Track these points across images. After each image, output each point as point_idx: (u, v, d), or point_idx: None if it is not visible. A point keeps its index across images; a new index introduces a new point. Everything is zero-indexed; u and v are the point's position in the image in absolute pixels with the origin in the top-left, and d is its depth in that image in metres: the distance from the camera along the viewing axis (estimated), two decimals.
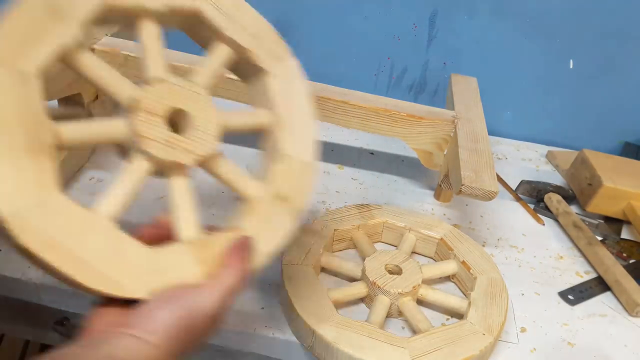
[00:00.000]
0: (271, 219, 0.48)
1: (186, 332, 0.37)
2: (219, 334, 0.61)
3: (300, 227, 0.70)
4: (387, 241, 0.76)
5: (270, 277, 0.67)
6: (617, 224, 0.87)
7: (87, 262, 0.36)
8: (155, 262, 0.39)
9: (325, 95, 0.80)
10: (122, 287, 0.38)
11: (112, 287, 0.37)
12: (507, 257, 0.77)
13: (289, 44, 0.54)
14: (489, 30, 1.01)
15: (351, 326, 0.56)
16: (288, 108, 0.51)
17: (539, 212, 0.88)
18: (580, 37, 0.99)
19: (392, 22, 1.03)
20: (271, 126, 0.50)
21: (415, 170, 0.94)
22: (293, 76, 0.52)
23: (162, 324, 0.36)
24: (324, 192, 0.85)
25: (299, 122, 0.52)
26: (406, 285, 0.62)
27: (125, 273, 0.38)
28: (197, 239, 0.43)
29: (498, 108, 1.09)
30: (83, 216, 0.37)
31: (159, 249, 0.40)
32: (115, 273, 0.37)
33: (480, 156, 0.75)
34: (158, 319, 0.37)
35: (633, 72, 1.01)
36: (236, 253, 0.43)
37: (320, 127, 1.01)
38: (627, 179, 0.85)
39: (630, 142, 1.08)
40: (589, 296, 0.72)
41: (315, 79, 0.87)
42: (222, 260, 0.42)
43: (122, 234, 0.39)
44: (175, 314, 0.37)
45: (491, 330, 0.59)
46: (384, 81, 1.10)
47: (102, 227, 0.38)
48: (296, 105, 0.51)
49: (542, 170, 1.01)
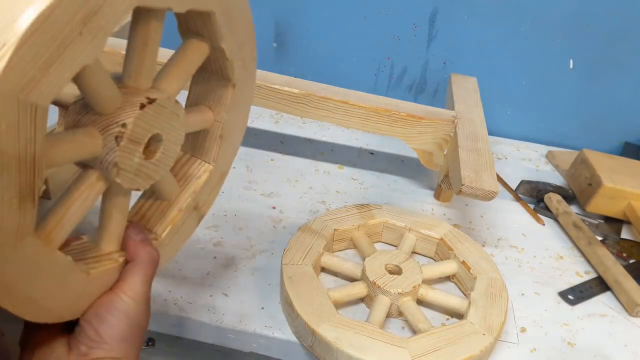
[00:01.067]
0: (183, 226, 0.48)
1: (133, 333, 0.39)
2: (219, 334, 0.61)
3: (300, 227, 0.70)
4: (387, 241, 0.76)
5: (270, 277, 0.67)
6: (617, 224, 0.87)
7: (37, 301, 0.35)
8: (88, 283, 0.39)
9: (325, 95, 0.80)
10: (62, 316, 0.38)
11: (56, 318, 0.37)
12: (507, 257, 0.77)
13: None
14: (489, 30, 1.01)
15: (351, 326, 0.56)
16: (233, 117, 0.49)
17: (539, 212, 0.88)
18: (580, 37, 0.99)
19: (392, 22, 1.03)
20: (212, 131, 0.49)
21: (415, 170, 0.94)
22: (248, 88, 0.50)
23: (117, 337, 0.38)
24: (324, 192, 0.85)
25: (235, 132, 0.51)
26: (406, 285, 0.62)
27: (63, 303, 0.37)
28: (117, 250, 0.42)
29: (498, 108, 1.09)
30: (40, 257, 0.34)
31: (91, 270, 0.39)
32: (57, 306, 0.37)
33: (480, 156, 0.75)
34: (110, 335, 0.38)
35: (633, 72, 1.01)
36: (134, 245, 0.42)
37: (320, 127, 1.02)
38: (627, 179, 0.85)
39: (630, 142, 1.08)
40: (589, 296, 0.72)
41: (315, 79, 0.87)
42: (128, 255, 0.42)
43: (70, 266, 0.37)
44: (121, 324, 0.39)
45: (491, 330, 0.59)
46: (384, 81, 1.10)
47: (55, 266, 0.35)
48: (240, 115, 0.51)
49: (542, 170, 1.01)
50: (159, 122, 0.39)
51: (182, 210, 0.47)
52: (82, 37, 0.30)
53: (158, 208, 0.47)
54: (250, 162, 0.90)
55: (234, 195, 0.81)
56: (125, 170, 0.37)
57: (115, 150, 0.35)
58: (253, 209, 0.78)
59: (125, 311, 0.39)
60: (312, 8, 1.03)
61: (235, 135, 0.51)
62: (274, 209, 0.79)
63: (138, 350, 0.40)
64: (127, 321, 0.39)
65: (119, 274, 0.41)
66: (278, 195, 0.82)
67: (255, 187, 0.83)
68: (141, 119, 0.36)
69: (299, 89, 0.80)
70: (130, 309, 0.40)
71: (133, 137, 0.36)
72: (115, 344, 0.38)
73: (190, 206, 0.48)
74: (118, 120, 0.35)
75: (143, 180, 0.40)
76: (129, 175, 0.38)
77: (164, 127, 0.39)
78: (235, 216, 0.76)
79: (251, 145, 0.94)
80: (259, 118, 1.02)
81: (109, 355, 0.38)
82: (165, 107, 0.39)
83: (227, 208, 0.78)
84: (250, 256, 0.70)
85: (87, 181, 0.37)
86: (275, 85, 0.80)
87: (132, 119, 0.36)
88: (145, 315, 0.41)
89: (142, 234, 0.43)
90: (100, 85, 0.34)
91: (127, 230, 0.42)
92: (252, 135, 0.97)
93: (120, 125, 0.35)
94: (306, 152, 0.94)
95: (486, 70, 1.04)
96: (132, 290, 0.40)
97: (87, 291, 0.39)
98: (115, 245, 0.41)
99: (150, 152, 0.40)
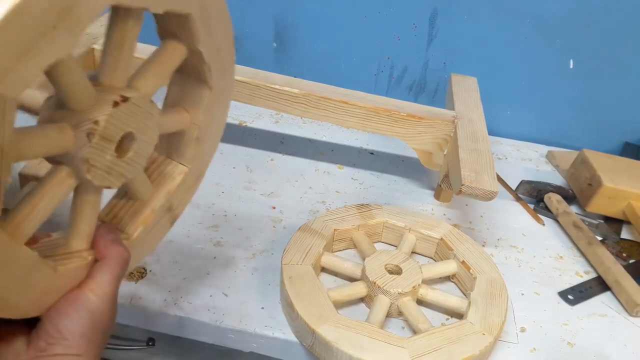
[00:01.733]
0: (156, 227, 0.48)
1: (95, 331, 0.39)
2: (219, 334, 0.61)
3: (300, 227, 0.70)
4: (387, 241, 0.76)
5: (270, 277, 0.67)
6: (617, 224, 0.87)
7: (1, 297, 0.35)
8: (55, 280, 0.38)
9: (325, 95, 0.80)
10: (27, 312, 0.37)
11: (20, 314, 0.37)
12: (507, 257, 0.77)
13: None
14: (489, 30, 1.01)
15: (351, 326, 0.56)
16: (210, 120, 0.49)
17: (539, 212, 0.88)
18: (580, 37, 0.99)
19: (392, 22, 1.03)
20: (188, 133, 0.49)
21: (415, 170, 0.94)
22: (226, 93, 0.50)
23: (78, 334, 0.38)
24: (324, 192, 0.85)
25: (212, 135, 0.51)
26: (406, 285, 0.62)
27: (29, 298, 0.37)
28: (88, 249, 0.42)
29: (498, 108, 1.09)
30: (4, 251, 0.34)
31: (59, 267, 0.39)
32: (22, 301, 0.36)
33: (480, 156, 0.75)
34: (71, 331, 0.38)
35: (633, 72, 1.01)
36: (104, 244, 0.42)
37: (320, 127, 1.02)
38: (627, 179, 0.85)
39: (630, 142, 1.08)
40: (589, 296, 0.72)
41: (315, 79, 0.87)
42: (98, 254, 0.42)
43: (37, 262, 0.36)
44: (83, 321, 0.38)
45: (491, 330, 0.59)
46: (384, 81, 1.10)
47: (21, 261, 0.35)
48: (217, 118, 0.51)
49: (542, 170, 1.01)
50: (132, 121, 0.39)
51: (154, 211, 0.47)
52: (55, 32, 0.30)
53: (131, 208, 0.47)
54: (250, 162, 0.90)
55: (234, 195, 0.81)
56: (97, 167, 0.37)
57: (87, 147, 0.36)
58: (253, 209, 0.78)
59: (89, 308, 0.39)
60: (312, 8, 1.04)
61: (212, 138, 0.52)
62: (274, 209, 0.79)
63: (99, 348, 0.40)
64: (89, 318, 0.39)
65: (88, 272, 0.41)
66: (278, 195, 0.82)
67: (255, 187, 0.83)
68: (114, 116, 0.37)
69: (299, 89, 0.80)
70: (94, 306, 0.39)
71: (105, 135, 0.36)
72: (74, 340, 0.38)
73: (164, 207, 0.48)
74: (91, 117, 0.36)
75: (115, 178, 0.40)
76: (100, 172, 0.38)
77: (138, 126, 0.39)
78: (235, 216, 0.76)
79: (251, 145, 0.94)
80: (259, 118, 1.02)
81: (67, 352, 0.37)
82: (140, 106, 0.39)
83: (227, 208, 0.78)
84: (250, 256, 0.70)
85: (58, 177, 0.37)
86: (275, 85, 0.80)
87: (105, 116, 0.36)
88: (110, 313, 0.41)
89: (113, 234, 0.43)
90: (74, 81, 0.34)
91: (98, 229, 0.42)
92: (252, 135, 0.97)
93: (92, 122, 0.35)
94: (306, 152, 0.94)
95: (486, 70, 1.04)
96: (98, 288, 0.40)
97: (54, 288, 0.38)
98: (86, 244, 0.41)
99: (123, 151, 0.40)
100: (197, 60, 0.45)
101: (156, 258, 0.67)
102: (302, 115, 0.83)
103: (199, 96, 0.48)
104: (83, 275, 0.41)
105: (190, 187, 0.52)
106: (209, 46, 0.44)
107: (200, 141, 0.49)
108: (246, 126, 1.00)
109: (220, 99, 0.50)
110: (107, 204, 0.47)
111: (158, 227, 0.49)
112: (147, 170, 0.48)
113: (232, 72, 0.50)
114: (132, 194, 0.46)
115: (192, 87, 0.48)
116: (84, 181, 0.38)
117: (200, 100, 0.48)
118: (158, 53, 0.43)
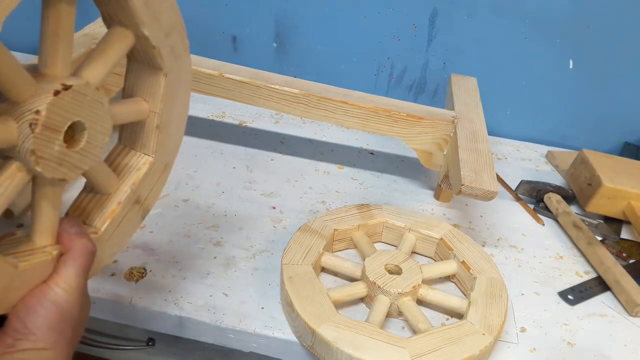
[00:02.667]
0: (125, 221, 0.48)
1: (64, 323, 0.39)
2: (219, 334, 0.61)
3: (300, 227, 0.70)
4: (387, 241, 0.76)
5: (270, 277, 0.67)
6: (617, 224, 0.87)
7: None
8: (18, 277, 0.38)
9: (325, 96, 0.80)
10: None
11: None
12: (507, 257, 0.77)
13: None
14: (489, 30, 1.01)
15: (351, 326, 0.56)
16: (169, 107, 0.49)
17: (539, 212, 0.88)
18: (580, 37, 0.99)
19: (392, 22, 1.03)
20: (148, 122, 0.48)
21: (415, 170, 0.94)
22: (183, 75, 0.50)
23: (45, 328, 0.38)
24: (324, 192, 0.85)
25: (174, 123, 0.51)
26: (406, 285, 0.62)
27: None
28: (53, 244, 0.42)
29: (498, 108, 1.09)
30: None
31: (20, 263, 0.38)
32: None
33: (480, 156, 0.75)
34: (37, 325, 0.38)
35: (633, 72, 1.01)
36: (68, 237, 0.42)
37: (320, 127, 1.02)
38: (627, 179, 0.85)
39: (630, 142, 1.08)
40: (589, 296, 0.72)
41: (315, 79, 0.87)
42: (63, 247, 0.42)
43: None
44: (49, 314, 0.38)
45: (491, 330, 0.59)
46: (384, 81, 1.10)
47: None
48: (176, 106, 0.50)
49: (542, 170, 1.01)
50: (79, 110, 0.38)
51: (121, 203, 0.47)
52: None
53: (98, 202, 0.47)
54: (250, 162, 0.90)
55: (234, 195, 0.81)
56: (45, 158, 0.37)
57: (30, 138, 0.35)
58: (253, 209, 0.78)
59: (55, 301, 0.39)
60: (312, 8, 1.04)
61: (175, 126, 0.51)
62: (274, 209, 0.79)
63: (69, 341, 0.40)
64: (55, 311, 0.38)
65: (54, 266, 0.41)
66: (278, 195, 0.82)
67: (255, 187, 0.83)
68: (56, 105, 0.36)
69: (299, 89, 0.80)
70: (61, 299, 0.39)
71: (49, 124, 0.36)
72: (42, 334, 0.37)
73: (131, 199, 0.48)
74: (32, 107, 0.35)
75: (69, 170, 0.39)
76: (50, 164, 0.37)
77: (86, 115, 0.39)
78: (235, 216, 0.76)
79: (251, 145, 0.94)
80: (259, 118, 1.02)
81: (35, 346, 0.37)
82: (85, 94, 0.38)
83: (227, 208, 0.78)
84: (250, 256, 0.70)
85: (7, 171, 0.37)
86: (275, 85, 0.80)
87: (46, 105, 0.35)
88: (79, 306, 0.40)
89: (77, 227, 0.43)
90: (9, 71, 0.34)
91: (61, 223, 0.42)
92: (252, 135, 0.97)
93: (33, 112, 0.35)
94: (306, 152, 0.94)
95: (486, 70, 1.04)
96: (63, 282, 0.40)
97: (17, 285, 0.38)
98: (49, 239, 0.41)
99: (75, 141, 0.39)
100: (146, 46, 0.45)
101: (156, 258, 0.67)
102: (302, 116, 0.83)
103: (155, 83, 0.47)
104: (49, 271, 0.40)
105: (158, 177, 0.51)
106: (156, 30, 0.44)
107: (162, 130, 0.49)
108: (246, 126, 1.00)
109: (178, 85, 0.49)
110: (75, 199, 0.46)
111: (128, 220, 0.48)
112: (111, 162, 0.48)
113: (186, 57, 0.49)
114: (96, 187, 0.46)
115: (146, 75, 0.47)
116: (35, 174, 0.38)
117: (157, 87, 0.47)
118: (104, 40, 0.43)
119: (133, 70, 0.48)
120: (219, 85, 0.81)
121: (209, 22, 1.08)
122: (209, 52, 0.90)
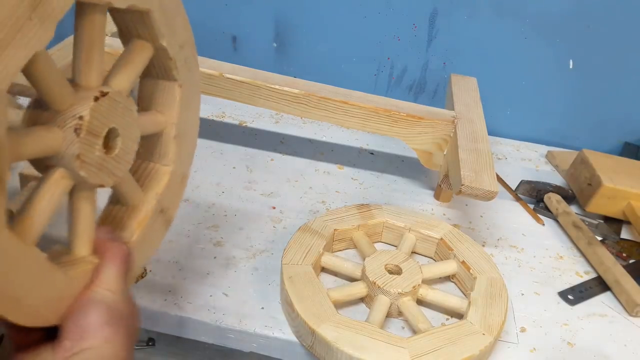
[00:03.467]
0: (151, 232, 0.49)
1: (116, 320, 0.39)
2: (219, 334, 0.61)
3: (300, 227, 0.70)
4: (387, 241, 0.76)
5: (270, 277, 0.67)
6: (617, 224, 0.87)
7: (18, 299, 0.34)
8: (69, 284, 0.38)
9: (325, 95, 0.80)
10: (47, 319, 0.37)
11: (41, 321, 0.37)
12: (507, 257, 0.77)
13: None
14: (489, 30, 1.01)
15: (351, 326, 0.56)
16: (184, 118, 0.50)
17: (539, 212, 0.88)
18: (580, 37, 0.99)
19: (392, 22, 1.03)
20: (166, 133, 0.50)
21: (415, 170, 0.94)
22: (195, 89, 0.52)
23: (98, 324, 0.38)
24: (324, 192, 0.85)
25: (188, 133, 0.52)
26: (406, 285, 0.62)
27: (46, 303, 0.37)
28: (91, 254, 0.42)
29: (498, 108, 1.09)
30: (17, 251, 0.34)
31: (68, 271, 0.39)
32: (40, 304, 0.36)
33: (480, 156, 0.75)
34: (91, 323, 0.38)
35: (633, 72, 1.01)
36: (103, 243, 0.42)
37: (320, 127, 1.02)
38: (627, 179, 0.86)
39: (630, 142, 1.08)
40: (589, 296, 0.72)
41: (315, 79, 0.87)
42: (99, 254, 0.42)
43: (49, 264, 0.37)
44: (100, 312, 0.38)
45: (491, 330, 0.59)
46: (384, 81, 1.10)
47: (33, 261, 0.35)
48: (190, 116, 0.52)
49: (542, 170, 1.01)
50: (114, 116, 0.40)
51: (148, 213, 0.48)
52: (31, 22, 0.31)
53: (125, 213, 0.47)
54: (250, 162, 0.90)
55: (234, 195, 0.81)
56: (88, 163, 0.38)
57: (76, 142, 0.36)
58: (253, 209, 0.78)
59: (102, 300, 0.39)
60: (312, 8, 1.04)
61: (190, 136, 0.53)
62: (274, 209, 0.79)
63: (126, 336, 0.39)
64: (105, 308, 0.39)
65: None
66: (278, 195, 0.82)
67: (255, 187, 0.84)
68: (97, 110, 0.38)
69: (299, 89, 0.81)
70: (107, 299, 0.39)
71: (91, 129, 0.37)
72: (97, 331, 0.38)
73: (156, 209, 0.49)
74: (75, 113, 0.37)
75: (106, 175, 0.40)
76: (92, 169, 0.38)
77: (120, 121, 0.40)
78: (235, 216, 0.76)
79: (251, 145, 0.94)
80: (259, 118, 1.02)
81: (93, 343, 0.37)
82: (119, 101, 0.40)
83: (227, 208, 0.78)
84: (250, 256, 0.70)
85: (52, 178, 0.37)
86: (275, 85, 0.80)
87: (88, 110, 0.37)
88: (127, 306, 0.40)
89: (112, 234, 0.43)
90: (53, 78, 0.35)
91: (95, 232, 0.42)
92: (252, 135, 0.97)
93: (77, 117, 0.36)
94: (306, 152, 0.94)
95: (486, 70, 1.04)
96: (105, 284, 0.40)
97: (68, 292, 0.38)
98: (88, 249, 0.42)
99: (110, 148, 0.41)
100: (163, 58, 0.47)
101: (156, 258, 0.67)
102: (302, 116, 0.83)
103: (171, 95, 0.49)
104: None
105: (178, 188, 0.52)
106: (172, 42, 0.46)
107: (179, 139, 0.50)
108: (246, 126, 1.00)
109: (191, 95, 0.51)
110: (102, 212, 0.47)
111: (154, 230, 0.49)
112: (134, 175, 0.49)
113: (197, 69, 0.51)
114: (122, 198, 0.46)
115: (162, 87, 0.49)
116: (78, 180, 0.38)
117: (173, 99, 0.49)
118: (126, 53, 0.45)
119: (147, 86, 0.49)
120: (219, 85, 0.81)
121: (209, 22, 1.08)
122: (209, 52, 0.90)
